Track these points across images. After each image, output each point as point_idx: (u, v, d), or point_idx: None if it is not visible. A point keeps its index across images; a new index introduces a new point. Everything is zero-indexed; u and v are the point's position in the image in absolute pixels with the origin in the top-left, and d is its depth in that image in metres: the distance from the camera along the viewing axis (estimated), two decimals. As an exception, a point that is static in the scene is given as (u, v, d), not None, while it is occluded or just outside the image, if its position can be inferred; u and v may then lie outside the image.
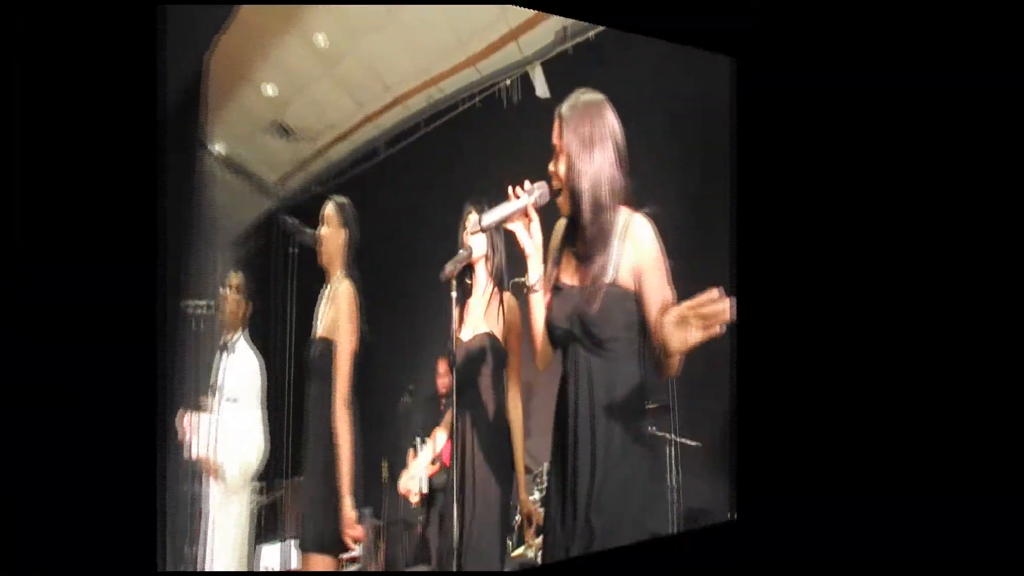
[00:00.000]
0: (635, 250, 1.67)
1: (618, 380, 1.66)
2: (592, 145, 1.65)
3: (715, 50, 2.43)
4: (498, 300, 2.51)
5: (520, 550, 3.53)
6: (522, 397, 2.48)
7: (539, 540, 2.34)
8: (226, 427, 3.06)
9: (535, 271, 1.73)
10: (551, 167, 1.71)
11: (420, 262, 5.10)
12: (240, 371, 3.14)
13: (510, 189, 1.72)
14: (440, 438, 2.72)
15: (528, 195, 1.70)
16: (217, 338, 3.13)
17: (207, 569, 2.92)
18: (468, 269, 2.52)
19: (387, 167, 5.74)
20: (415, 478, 2.93)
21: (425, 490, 4.28)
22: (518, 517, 3.28)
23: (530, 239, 1.72)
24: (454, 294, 2.24)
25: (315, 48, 5.07)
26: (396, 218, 5.47)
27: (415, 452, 4.47)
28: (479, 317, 2.50)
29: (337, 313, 2.56)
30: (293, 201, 6.68)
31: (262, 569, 3.18)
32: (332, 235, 2.65)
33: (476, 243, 2.48)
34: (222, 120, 5.77)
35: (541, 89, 4.28)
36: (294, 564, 2.67)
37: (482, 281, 2.55)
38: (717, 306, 1.40)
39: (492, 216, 1.72)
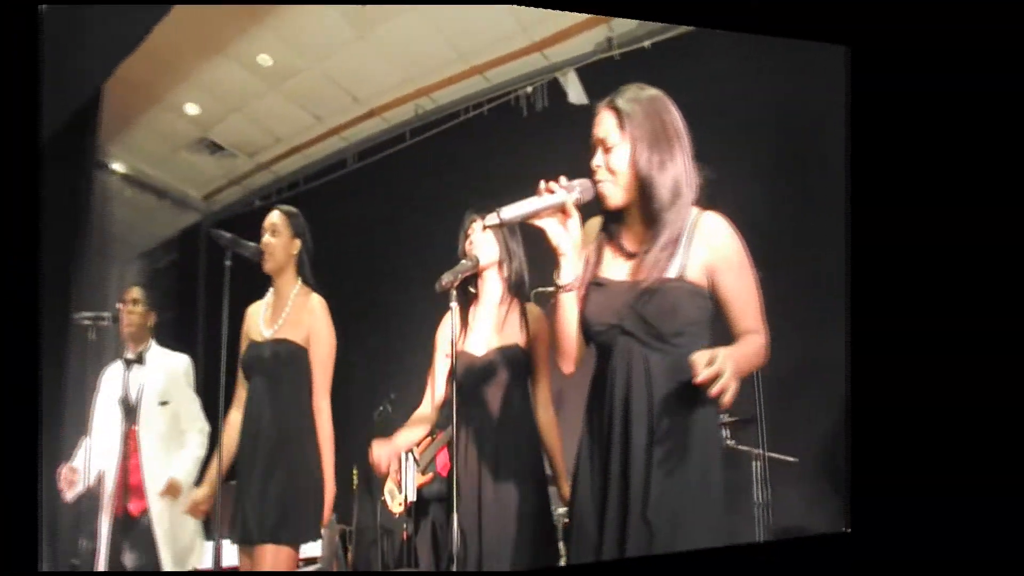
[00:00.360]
0: (707, 247, 1.61)
1: (681, 374, 1.56)
2: (666, 138, 1.61)
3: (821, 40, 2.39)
4: (518, 310, 2.34)
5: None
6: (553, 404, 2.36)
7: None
8: (159, 436, 3.10)
9: (570, 269, 1.64)
10: (596, 162, 1.65)
11: (398, 272, 5.00)
12: (162, 375, 3.19)
13: (542, 184, 1.62)
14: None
15: (568, 192, 1.61)
16: (122, 351, 3.17)
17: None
18: (472, 277, 2.36)
19: (359, 178, 5.60)
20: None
21: (412, 499, 4.06)
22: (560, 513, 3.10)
23: (567, 236, 1.62)
24: (454, 304, 2.11)
25: (257, 67, 4.98)
26: (370, 228, 5.34)
27: (399, 461, 4.23)
28: (491, 328, 2.32)
29: (314, 323, 2.58)
30: (227, 215, 6.44)
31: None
32: (282, 244, 2.62)
33: (485, 251, 2.33)
34: (128, 138, 5.57)
35: (576, 95, 4.25)
36: (230, 562, 2.55)
37: (494, 289, 2.38)
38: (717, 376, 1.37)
39: (515, 210, 1.60)
